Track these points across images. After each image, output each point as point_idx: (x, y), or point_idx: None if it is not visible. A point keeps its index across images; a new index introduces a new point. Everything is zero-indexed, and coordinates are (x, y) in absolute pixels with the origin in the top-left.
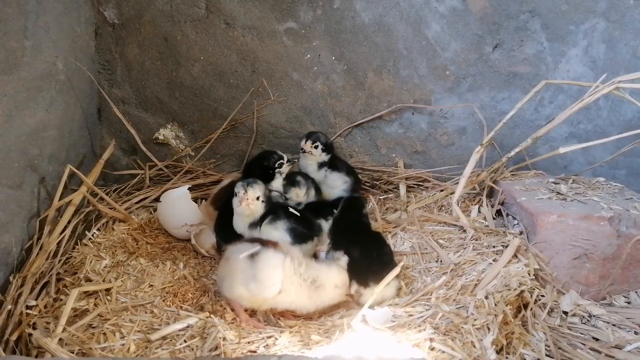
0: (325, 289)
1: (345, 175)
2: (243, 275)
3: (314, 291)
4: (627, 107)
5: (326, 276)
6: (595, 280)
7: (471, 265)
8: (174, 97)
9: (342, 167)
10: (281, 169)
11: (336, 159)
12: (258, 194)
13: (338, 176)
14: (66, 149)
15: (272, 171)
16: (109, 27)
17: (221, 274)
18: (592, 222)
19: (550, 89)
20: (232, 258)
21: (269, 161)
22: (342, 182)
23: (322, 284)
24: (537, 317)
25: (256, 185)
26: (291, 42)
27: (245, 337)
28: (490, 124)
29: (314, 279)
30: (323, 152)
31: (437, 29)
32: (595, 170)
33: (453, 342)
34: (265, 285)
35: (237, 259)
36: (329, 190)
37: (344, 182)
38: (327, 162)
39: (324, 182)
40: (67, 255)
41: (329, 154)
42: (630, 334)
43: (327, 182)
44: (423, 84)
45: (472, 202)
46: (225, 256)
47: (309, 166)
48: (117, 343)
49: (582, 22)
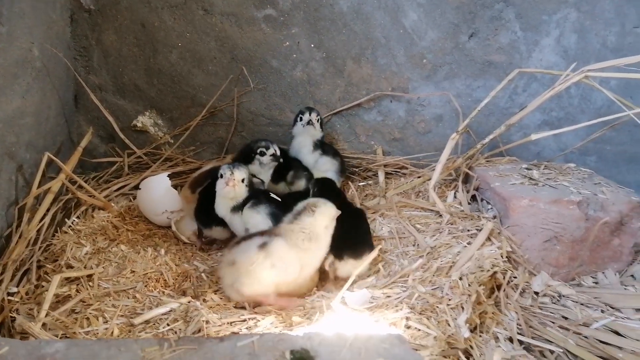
0: (319, 237)
1: (332, 158)
2: (262, 268)
3: (314, 244)
4: (597, 95)
5: (315, 224)
6: (564, 261)
7: (447, 248)
8: (152, 84)
9: (330, 151)
10: (262, 157)
11: (324, 143)
12: (243, 177)
13: (327, 159)
14: (43, 136)
15: (253, 154)
16: (85, 13)
17: (234, 277)
18: (562, 206)
19: (523, 77)
20: (241, 259)
21: (254, 145)
22: (331, 164)
23: (315, 233)
24: (509, 297)
25: (242, 167)
26: (270, 29)
27: (226, 318)
28: (466, 111)
29: (309, 236)
30: (320, 128)
31: (415, 18)
32: (567, 156)
33: (428, 320)
34: (289, 268)
35: (248, 257)
36: (319, 174)
37: (333, 165)
38: (320, 143)
39: (315, 166)
40: (47, 243)
41: (322, 132)
42: (597, 312)
43: (317, 165)
44: (401, 72)
45: (449, 188)
46: (228, 261)
47: (304, 147)
48: (101, 327)
49: (555, 12)
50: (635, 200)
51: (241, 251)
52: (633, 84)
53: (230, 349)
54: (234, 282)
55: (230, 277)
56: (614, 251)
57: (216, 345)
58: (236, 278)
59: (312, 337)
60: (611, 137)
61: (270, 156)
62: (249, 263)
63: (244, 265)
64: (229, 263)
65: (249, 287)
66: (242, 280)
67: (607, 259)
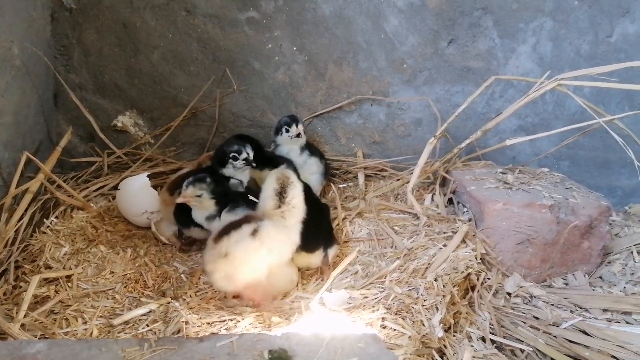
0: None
1: (319, 160)
2: (259, 255)
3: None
4: (571, 102)
5: (299, 193)
6: (536, 263)
7: (423, 250)
8: (133, 83)
9: (317, 153)
10: (234, 162)
11: (310, 144)
12: (198, 193)
13: (315, 161)
14: (22, 135)
15: (226, 158)
16: (66, 12)
17: (229, 268)
18: (535, 210)
19: (500, 83)
20: (236, 249)
21: (227, 148)
22: (317, 167)
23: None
24: (483, 298)
25: (198, 184)
26: (252, 31)
27: (206, 319)
28: (445, 116)
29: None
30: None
31: (396, 23)
32: (541, 161)
33: (404, 320)
34: (283, 249)
35: (244, 246)
36: (307, 175)
37: (319, 167)
38: (307, 145)
39: (303, 167)
40: (25, 243)
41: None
42: (566, 312)
43: (305, 167)
44: (381, 76)
45: (426, 191)
46: (219, 253)
47: (292, 152)
48: (80, 328)
49: (531, 21)
50: (604, 204)
51: (234, 242)
52: (605, 91)
53: (210, 349)
54: (230, 273)
55: (223, 269)
56: (584, 254)
57: (196, 346)
58: (232, 269)
59: (290, 337)
60: (584, 142)
61: (243, 160)
62: (247, 252)
63: (241, 255)
64: (221, 255)
65: (246, 275)
66: (239, 269)
67: (577, 261)
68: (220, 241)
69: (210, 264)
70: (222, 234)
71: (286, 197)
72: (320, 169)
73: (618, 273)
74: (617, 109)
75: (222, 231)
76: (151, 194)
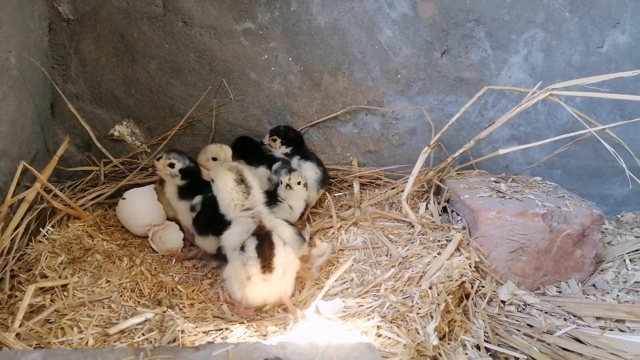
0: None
1: (316, 166)
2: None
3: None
4: (563, 112)
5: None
6: (530, 271)
7: (418, 258)
8: (130, 93)
9: (312, 157)
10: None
11: (305, 150)
12: (171, 162)
13: (311, 165)
14: (18, 144)
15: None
16: (64, 22)
17: (285, 284)
18: (528, 218)
19: (493, 93)
20: (289, 267)
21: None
22: (313, 172)
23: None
24: (477, 306)
25: (173, 153)
26: (249, 42)
27: (202, 327)
28: (438, 125)
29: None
30: (283, 146)
31: (390, 34)
32: (534, 169)
33: (399, 329)
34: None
35: (292, 261)
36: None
37: (315, 172)
38: (297, 151)
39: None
40: (21, 252)
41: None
42: (560, 320)
43: (300, 170)
44: (376, 87)
45: (421, 200)
46: (278, 275)
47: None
48: (76, 337)
49: (523, 32)
50: (596, 213)
51: (280, 262)
52: (597, 101)
53: (206, 358)
54: (285, 288)
55: (280, 286)
56: (577, 262)
57: (191, 355)
58: (287, 284)
59: (286, 346)
60: (576, 151)
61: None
62: (295, 265)
63: (292, 269)
64: (280, 276)
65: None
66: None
67: (570, 269)
68: (270, 262)
69: (263, 293)
70: (270, 254)
71: (249, 182)
72: (317, 175)
73: (611, 281)
74: (608, 119)
75: (268, 252)
76: (157, 206)
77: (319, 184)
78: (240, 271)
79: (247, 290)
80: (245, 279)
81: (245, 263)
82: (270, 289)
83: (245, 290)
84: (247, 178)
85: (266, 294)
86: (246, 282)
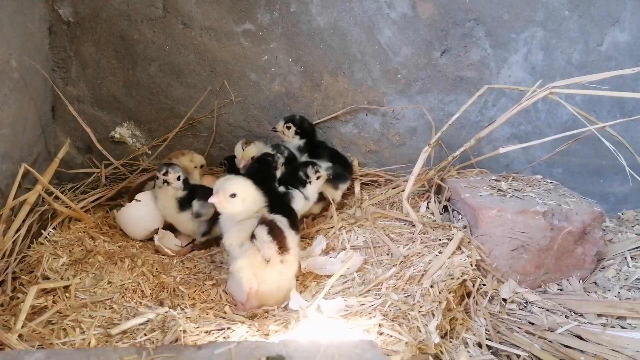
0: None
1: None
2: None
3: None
4: (563, 110)
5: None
6: (531, 269)
7: (419, 257)
8: (131, 95)
9: (324, 154)
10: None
11: (317, 145)
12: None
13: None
14: (20, 147)
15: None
16: (64, 25)
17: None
18: (528, 216)
19: (493, 92)
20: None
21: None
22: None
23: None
24: (479, 304)
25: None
26: (249, 43)
27: (204, 327)
28: (439, 125)
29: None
30: (297, 136)
31: (389, 35)
32: (535, 168)
33: (400, 327)
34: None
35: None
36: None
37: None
38: (309, 146)
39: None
40: (22, 254)
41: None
42: (561, 317)
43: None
44: (376, 87)
45: (421, 199)
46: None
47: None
48: (78, 338)
49: (523, 31)
50: (597, 210)
51: (292, 242)
52: (596, 99)
53: (208, 356)
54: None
55: (294, 266)
56: (578, 259)
57: (194, 354)
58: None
59: (288, 344)
60: (576, 149)
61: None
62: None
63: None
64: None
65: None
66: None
67: (571, 267)
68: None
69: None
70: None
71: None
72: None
73: (612, 278)
74: (608, 117)
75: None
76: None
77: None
78: (256, 258)
79: (265, 275)
80: (262, 263)
81: (260, 248)
82: (286, 270)
83: (264, 275)
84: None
85: (282, 277)
86: (263, 267)
